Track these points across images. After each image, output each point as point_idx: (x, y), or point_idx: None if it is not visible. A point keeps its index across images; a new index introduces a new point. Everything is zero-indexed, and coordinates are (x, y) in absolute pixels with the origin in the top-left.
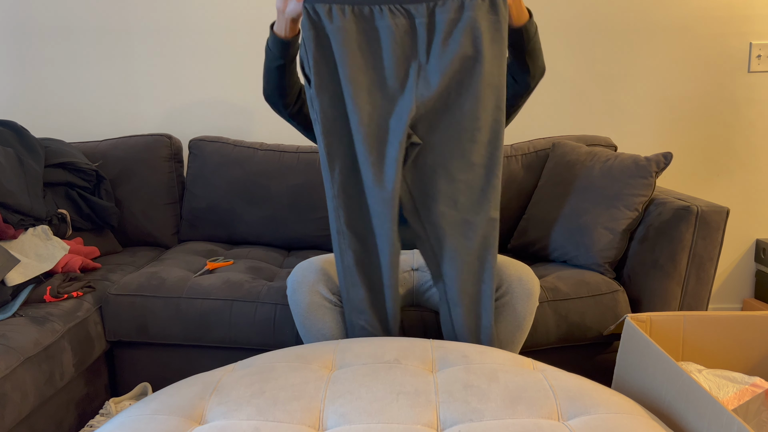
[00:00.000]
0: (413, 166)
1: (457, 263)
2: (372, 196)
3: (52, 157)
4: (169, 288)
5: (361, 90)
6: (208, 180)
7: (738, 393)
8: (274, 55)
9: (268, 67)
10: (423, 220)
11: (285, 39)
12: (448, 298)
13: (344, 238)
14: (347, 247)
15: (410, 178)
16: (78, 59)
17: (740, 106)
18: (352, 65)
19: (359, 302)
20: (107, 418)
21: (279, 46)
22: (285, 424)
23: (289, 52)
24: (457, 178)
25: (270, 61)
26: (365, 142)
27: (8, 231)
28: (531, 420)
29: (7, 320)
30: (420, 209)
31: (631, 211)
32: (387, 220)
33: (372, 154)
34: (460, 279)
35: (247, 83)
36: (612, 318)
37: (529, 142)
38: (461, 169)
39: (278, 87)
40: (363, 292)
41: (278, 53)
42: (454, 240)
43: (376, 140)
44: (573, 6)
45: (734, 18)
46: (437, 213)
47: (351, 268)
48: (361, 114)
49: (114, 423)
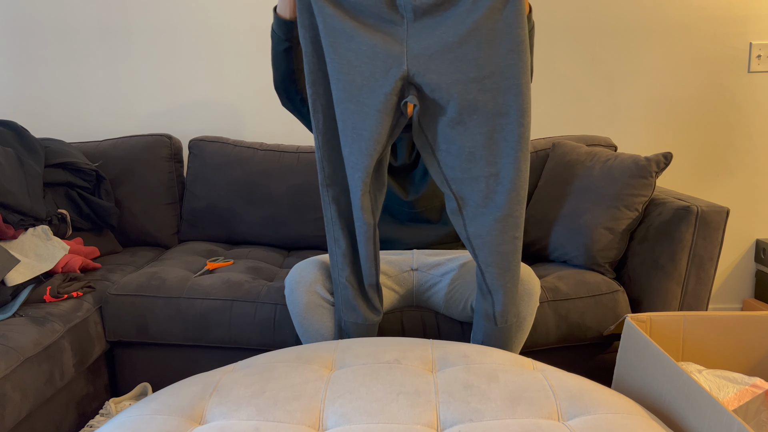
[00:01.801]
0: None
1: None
2: (346, 146)
3: (52, 157)
4: (169, 288)
5: (340, 38)
6: (208, 180)
7: (738, 394)
8: (279, 39)
9: (275, 52)
10: (447, 178)
11: (290, 19)
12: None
13: (327, 191)
14: (330, 200)
15: (431, 137)
16: (78, 59)
17: (740, 106)
18: (331, 15)
19: (340, 258)
20: (107, 418)
21: (284, 27)
22: (285, 424)
23: (294, 34)
24: (474, 130)
25: (277, 45)
26: (345, 89)
27: (8, 231)
28: (531, 420)
29: (7, 320)
30: (443, 167)
31: (631, 211)
32: (359, 169)
33: (351, 102)
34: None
35: (248, 83)
36: (612, 318)
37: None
38: (478, 122)
39: (287, 72)
40: (343, 246)
41: (284, 35)
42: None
43: (356, 88)
44: (573, 6)
45: (734, 18)
46: (460, 168)
47: (333, 222)
48: (340, 62)
49: (114, 423)
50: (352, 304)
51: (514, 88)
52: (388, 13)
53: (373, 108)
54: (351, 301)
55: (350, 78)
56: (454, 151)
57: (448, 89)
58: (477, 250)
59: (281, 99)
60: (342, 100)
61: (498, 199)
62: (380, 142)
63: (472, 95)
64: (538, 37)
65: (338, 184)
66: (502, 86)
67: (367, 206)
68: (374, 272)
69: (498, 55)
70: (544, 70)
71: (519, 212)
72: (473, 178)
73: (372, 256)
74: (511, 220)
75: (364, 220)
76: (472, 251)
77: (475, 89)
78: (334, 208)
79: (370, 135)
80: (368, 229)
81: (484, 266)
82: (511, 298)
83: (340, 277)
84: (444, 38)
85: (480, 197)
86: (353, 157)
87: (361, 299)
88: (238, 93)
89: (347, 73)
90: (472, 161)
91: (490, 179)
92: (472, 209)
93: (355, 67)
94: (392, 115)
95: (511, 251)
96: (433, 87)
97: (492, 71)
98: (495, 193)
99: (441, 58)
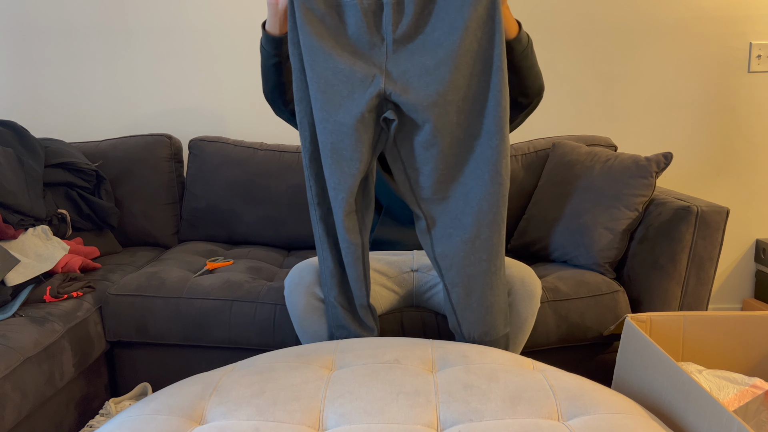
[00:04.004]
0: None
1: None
2: (327, 166)
3: (52, 157)
4: (168, 288)
5: (318, 56)
6: (208, 180)
7: (738, 394)
8: (268, 54)
9: (264, 65)
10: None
11: (278, 36)
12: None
13: (315, 209)
14: (319, 218)
15: (404, 154)
16: (78, 59)
17: (740, 106)
18: (312, 32)
19: (328, 278)
20: (107, 418)
21: (272, 43)
22: (285, 424)
23: (282, 49)
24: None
25: (266, 60)
26: (323, 108)
27: (8, 231)
28: (531, 420)
29: (7, 320)
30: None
31: (631, 211)
32: (342, 190)
33: (329, 122)
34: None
35: (248, 83)
36: (612, 318)
37: (529, 142)
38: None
39: (277, 84)
40: (330, 267)
41: (272, 51)
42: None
43: (333, 108)
44: (573, 6)
45: (734, 18)
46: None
47: (321, 241)
48: (318, 81)
49: (114, 423)
50: (341, 323)
51: (486, 110)
52: (369, 35)
53: (349, 127)
54: (341, 320)
55: (327, 97)
56: (426, 171)
57: (425, 110)
58: (444, 270)
59: (272, 108)
60: (320, 119)
61: (465, 221)
62: (362, 161)
63: (448, 117)
64: (538, 37)
65: (326, 203)
66: (476, 108)
67: (353, 227)
68: (365, 293)
69: (472, 76)
70: (545, 70)
71: (488, 235)
72: (443, 199)
73: (362, 276)
74: (478, 242)
75: (350, 241)
76: (439, 271)
77: (451, 111)
78: (322, 228)
79: (351, 155)
80: (356, 249)
81: (450, 286)
82: (478, 319)
83: (329, 296)
84: (422, 61)
85: (449, 218)
86: (335, 177)
87: (351, 319)
88: (238, 93)
89: (324, 92)
90: (443, 182)
91: (459, 200)
92: (440, 230)
93: (332, 86)
94: (371, 132)
95: (478, 273)
96: (410, 107)
97: (466, 94)
98: (463, 215)
99: (419, 80)
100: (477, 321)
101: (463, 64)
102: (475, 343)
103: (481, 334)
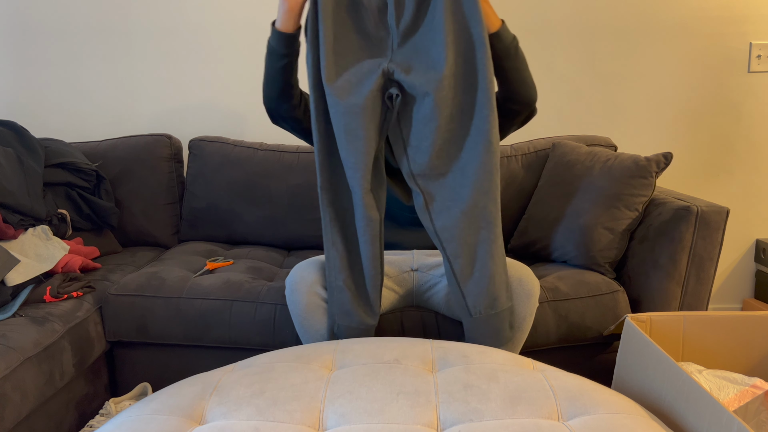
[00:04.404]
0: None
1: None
2: (343, 147)
3: (52, 157)
4: (169, 288)
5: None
6: (208, 180)
7: (738, 394)
8: (279, 54)
9: (272, 68)
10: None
11: (291, 33)
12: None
13: (325, 194)
14: (327, 203)
15: (405, 132)
16: (78, 59)
17: (740, 106)
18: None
19: (337, 261)
20: (107, 418)
21: (284, 42)
22: (285, 424)
23: (294, 47)
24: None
25: (275, 62)
26: (334, 94)
27: (8, 231)
28: (531, 420)
29: (7, 320)
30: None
31: (631, 211)
32: (359, 168)
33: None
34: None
35: (248, 83)
36: (612, 318)
37: (529, 142)
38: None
39: (283, 88)
40: (340, 250)
41: (284, 50)
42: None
43: (344, 92)
44: (573, 6)
45: (734, 18)
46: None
47: (329, 225)
48: (328, 71)
49: (114, 423)
50: (346, 308)
51: (477, 84)
52: (376, 29)
53: (360, 107)
54: (346, 305)
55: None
56: (423, 148)
57: (425, 86)
58: (445, 243)
59: (272, 116)
60: (333, 104)
61: (463, 192)
62: (374, 139)
63: (444, 92)
64: (538, 37)
65: (333, 188)
66: (467, 83)
67: (371, 203)
68: (379, 272)
69: (458, 54)
70: (545, 70)
71: (484, 203)
72: (439, 174)
73: (377, 255)
74: (476, 210)
75: (371, 217)
76: (440, 245)
77: (447, 86)
78: (331, 212)
79: (364, 134)
80: (375, 225)
81: (452, 258)
82: (481, 290)
83: (336, 281)
84: (425, 47)
85: (446, 192)
86: (351, 158)
87: (358, 303)
88: (238, 93)
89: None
90: (439, 157)
91: (456, 173)
92: (438, 204)
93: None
94: (379, 111)
95: (479, 242)
96: (410, 84)
97: (456, 71)
98: (460, 186)
99: (419, 60)
100: (481, 293)
101: (450, 42)
102: (482, 317)
103: (486, 306)
